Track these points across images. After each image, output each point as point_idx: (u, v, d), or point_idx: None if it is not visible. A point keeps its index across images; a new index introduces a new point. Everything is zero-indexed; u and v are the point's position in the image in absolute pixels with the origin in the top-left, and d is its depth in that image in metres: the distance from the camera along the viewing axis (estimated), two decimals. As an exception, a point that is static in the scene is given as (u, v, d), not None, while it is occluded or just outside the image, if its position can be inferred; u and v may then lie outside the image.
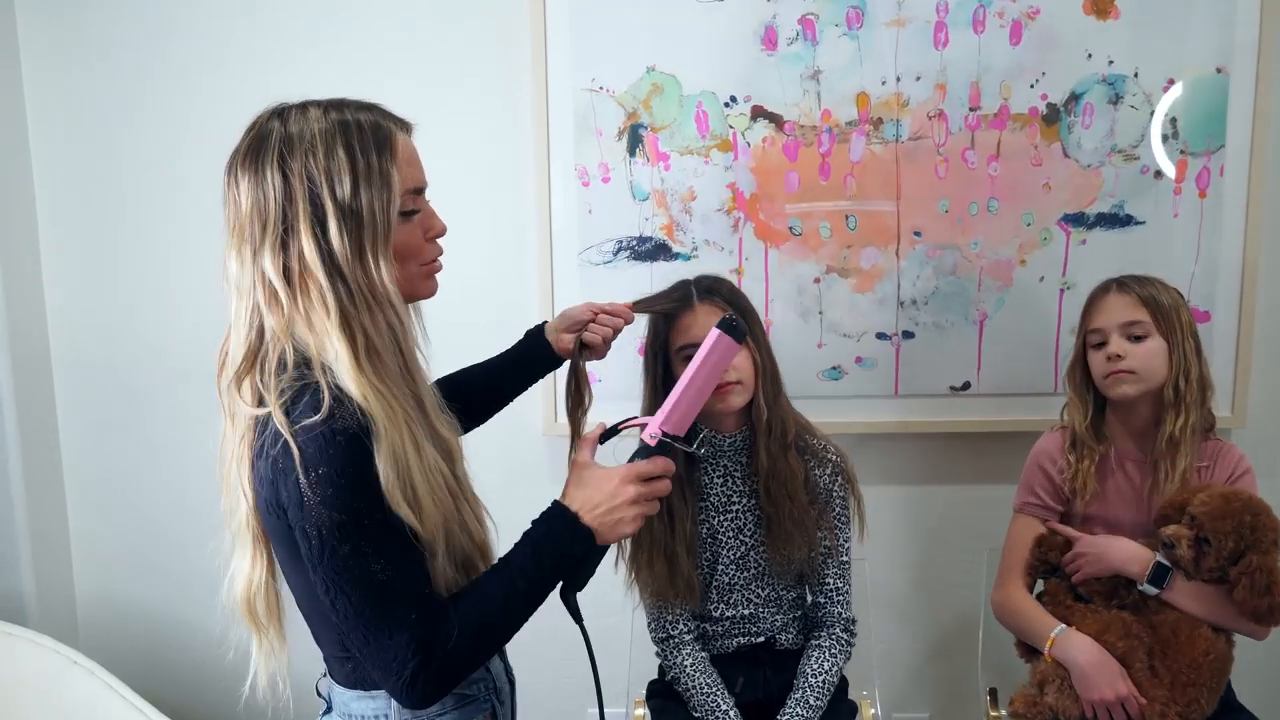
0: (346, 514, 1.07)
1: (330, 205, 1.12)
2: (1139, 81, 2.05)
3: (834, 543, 1.77)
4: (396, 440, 1.10)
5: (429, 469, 1.14)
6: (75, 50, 2.21)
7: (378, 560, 1.09)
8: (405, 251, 1.19)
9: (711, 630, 1.81)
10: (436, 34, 2.14)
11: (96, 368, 2.32)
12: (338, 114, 1.17)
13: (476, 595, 1.16)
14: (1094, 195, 2.09)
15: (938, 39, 2.06)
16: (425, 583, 1.14)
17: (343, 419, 1.08)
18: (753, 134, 2.10)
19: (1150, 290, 1.75)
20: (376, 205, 1.13)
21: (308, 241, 1.12)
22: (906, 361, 2.17)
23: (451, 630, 1.12)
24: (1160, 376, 1.73)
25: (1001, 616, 1.83)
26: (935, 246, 2.12)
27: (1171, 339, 1.73)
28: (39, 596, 2.28)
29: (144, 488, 2.36)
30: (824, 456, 1.78)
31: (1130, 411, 1.79)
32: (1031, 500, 1.85)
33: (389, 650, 1.11)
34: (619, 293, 2.09)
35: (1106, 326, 1.74)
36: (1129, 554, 1.69)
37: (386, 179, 1.14)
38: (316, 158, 1.13)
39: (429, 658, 1.11)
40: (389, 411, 1.10)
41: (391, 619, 1.10)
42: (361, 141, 1.15)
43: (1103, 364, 1.75)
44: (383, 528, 1.09)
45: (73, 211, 2.28)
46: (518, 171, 2.15)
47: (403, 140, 1.19)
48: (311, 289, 1.12)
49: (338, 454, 1.07)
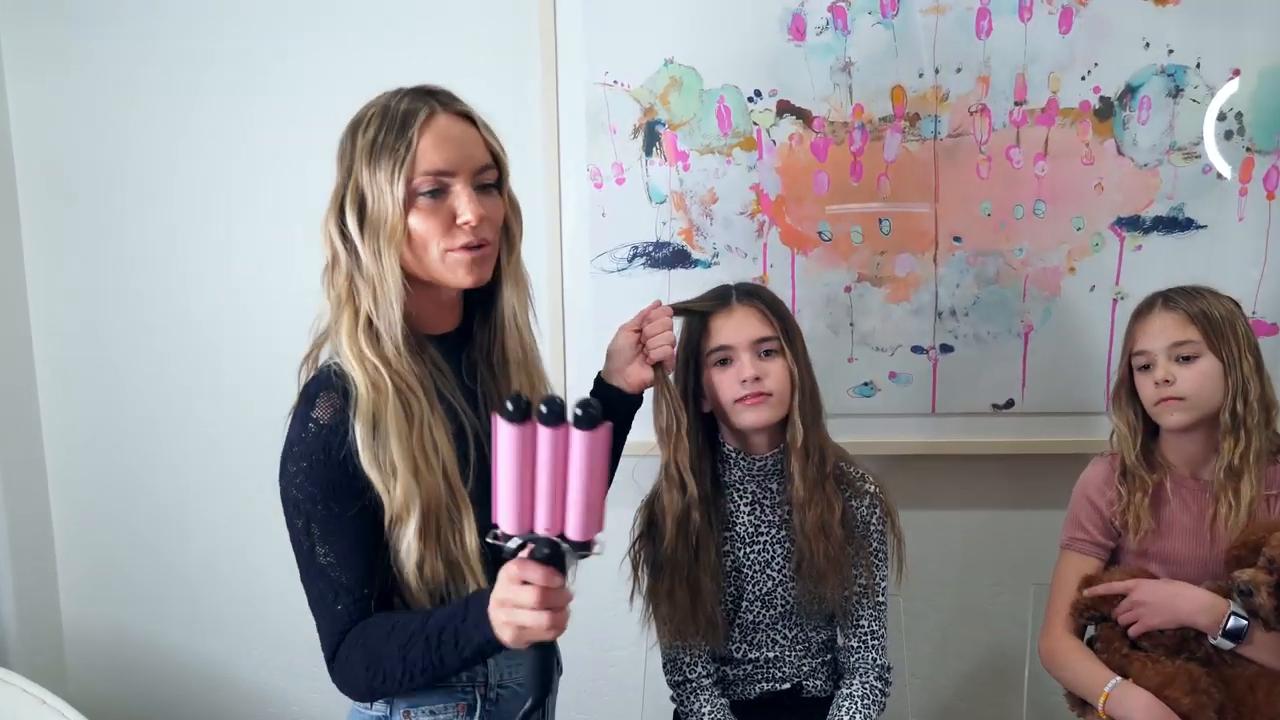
0: (302, 494, 1.18)
1: (352, 185, 1.19)
2: (1201, 73, 1.88)
3: (870, 582, 1.61)
4: (380, 406, 1.17)
5: (419, 444, 1.18)
6: (57, 56, 2.09)
7: (323, 545, 1.19)
8: (422, 234, 1.20)
9: (733, 674, 1.66)
10: (439, 24, 2.00)
11: (83, 382, 2.21)
12: (389, 98, 1.22)
13: (390, 624, 1.18)
14: (1151, 197, 1.92)
15: (980, 27, 1.90)
16: (366, 583, 1.20)
17: (327, 408, 1.18)
18: (779, 131, 1.94)
19: (1200, 304, 1.58)
20: (382, 185, 1.17)
21: (336, 220, 1.21)
22: (944, 377, 2.01)
23: (356, 640, 1.19)
24: (1216, 400, 1.57)
25: (1050, 666, 1.67)
26: (976, 253, 1.96)
27: (1227, 358, 1.56)
28: (20, 623, 2.16)
29: (135, 507, 2.24)
30: (861, 488, 1.62)
31: (1185, 438, 1.62)
32: (1079, 536, 1.68)
33: (319, 629, 1.22)
34: (634, 302, 1.94)
35: (1152, 349, 1.59)
36: (1198, 604, 1.52)
37: (398, 158, 1.17)
38: (355, 140, 1.20)
39: (337, 652, 1.20)
40: (378, 380, 1.17)
41: (323, 602, 1.20)
42: (389, 121, 1.19)
43: (1151, 389, 1.59)
44: (336, 518, 1.18)
45: (58, 219, 2.16)
46: (526, 172, 1.95)
47: (438, 121, 1.20)
48: (340, 263, 1.21)
49: (309, 439, 1.18)
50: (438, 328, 1.31)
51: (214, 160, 2.08)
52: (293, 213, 1.26)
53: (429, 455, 1.19)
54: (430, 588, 1.21)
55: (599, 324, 1.99)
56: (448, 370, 1.28)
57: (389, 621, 1.19)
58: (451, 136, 1.21)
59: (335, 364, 1.22)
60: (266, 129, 2.06)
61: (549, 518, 1.02)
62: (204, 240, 2.12)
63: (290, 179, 1.99)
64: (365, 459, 1.16)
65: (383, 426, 1.17)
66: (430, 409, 1.21)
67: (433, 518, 1.19)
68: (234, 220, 2.10)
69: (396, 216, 1.18)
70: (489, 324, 1.33)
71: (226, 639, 2.23)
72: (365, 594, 1.20)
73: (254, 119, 2.06)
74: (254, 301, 2.11)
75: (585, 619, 1.23)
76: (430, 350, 1.27)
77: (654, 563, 1.61)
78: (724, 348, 1.56)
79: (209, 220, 2.11)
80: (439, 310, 1.30)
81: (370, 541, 1.20)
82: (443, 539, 1.20)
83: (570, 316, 2.03)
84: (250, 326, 2.11)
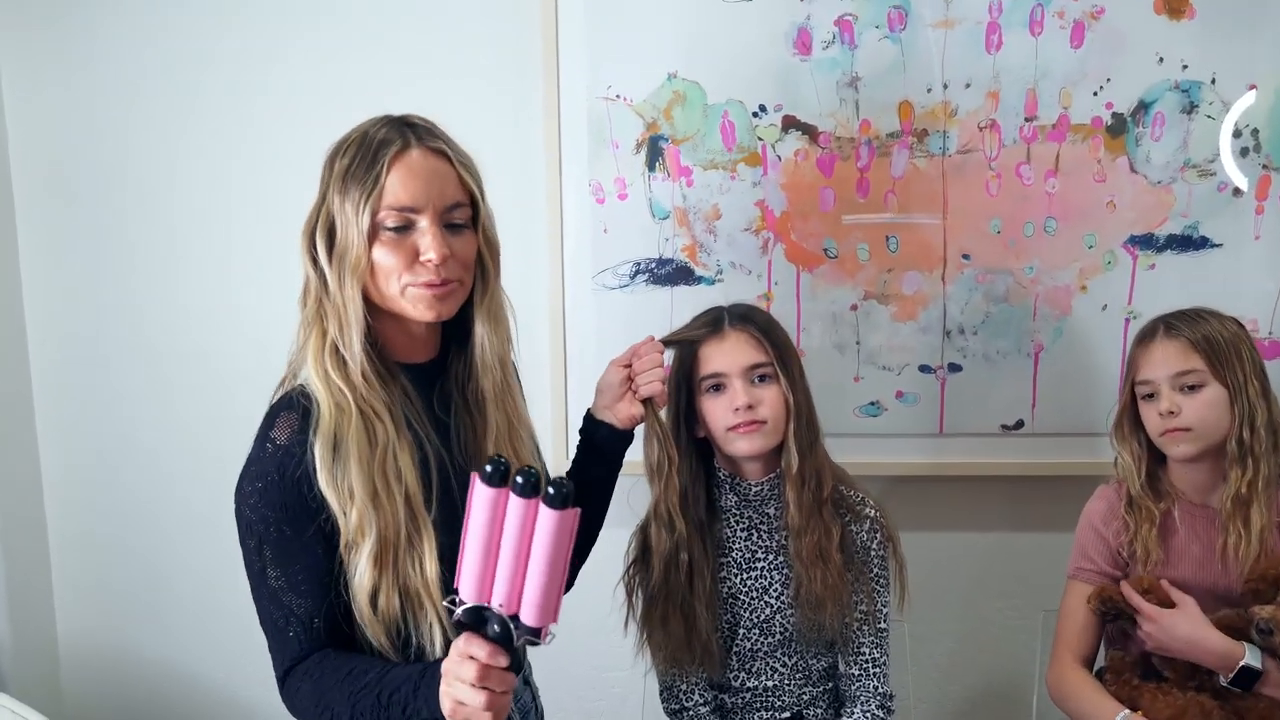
0: (256, 515, 1.18)
1: (324, 210, 1.20)
2: (1216, 88, 1.84)
3: (871, 608, 1.57)
4: (342, 427, 1.16)
5: (379, 468, 1.17)
6: (55, 56, 2.07)
7: (275, 567, 1.19)
8: (385, 268, 1.20)
9: (731, 702, 1.62)
10: (438, 37, 1.97)
11: (81, 396, 2.18)
12: (370, 126, 1.21)
13: (347, 668, 1.17)
14: (1164, 215, 1.88)
15: (990, 41, 1.86)
16: (317, 613, 1.19)
17: (285, 428, 1.18)
18: (784, 147, 1.91)
19: (1203, 330, 1.54)
20: (349, 215, 1.17)
21: (308, 242, 1.21)
22: (952, 397, 1.97)
23: (309, 672, 1.18)
24: (1222, 429, 1.52)
25: (1057, 698, 1.63)
26: (986, 271, 1.92)
27: (1232, 384, 1.51)
28: (14, 643, 2.13)
29: (132, 525, 2.21)
30: (861, 511, 1.59)
31: (1193, 466, 1.58)
32: (1086, 566, 1.64)
33: (271, 647, 1.22)
34: (636, 320, 1.94)
35: (1156, 378, 1.55)
36: (1214, 653, 1.47)
37: (365, 190, 1.16)
38: (333, 165, 1.20)
39: (288, 679, 1.20)
40: (342, 402, 1.17)
41: (274, 626, 1.21)
42: (363, 151, 1.18)
43: (1156, 420, 1.55)
44: (289, 541, 1.18)
45: (55, 221, 2.14)
46: (526, 187, 1.97)
47: (409, 156, 1.18)
48: (311, 285, 1.21)
49: (265, 459, 1.18)
50: (412, 357, 1.29)
51: (214, 161, 2.05)
52: (293, 214, 1.23)
53: (390, 481, 1.18)
54: (385, 620, 1.19)
55: (600, 341, 1.97)
56: (418, 399, 1.26)
57: (346, 665, 1.18)
58: (421, 172, 1.19)
59: (303, 385, 1.22)
60: (267, 130, 2.03)
61: (506, 593, 1.00)
62: (205, 247, 2.09)
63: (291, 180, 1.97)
64: (322, 479, 1.16)
65: (343, 449, 1.16)
66: (396, 434, 1.20)
67: (390, 546, 1.18)
68: (234, 223, 2.07)
69: (360, 247, 1.17)
70: (464, 359, 1.31)
71: (223, 657, 2.21)
72: (316, 625, 1.19)
73: (254, 120, 2.03)
74: (254, 316, 2.07)
75: (584, 638, 1.22)
76: (401, 379, 1.25)
77: (648, 588, 1.58)
78: (716, 375, 1.53)
79: (209, 224, 2.08)
80: (410, 340, 1.28)
81: (323, 568, 1.19)
82: (400, 567, 1.18)
83: (572, 334, 2.00)
84: (251, 342, 2.08)
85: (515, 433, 1.32)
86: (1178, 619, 1.50)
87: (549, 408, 2.01)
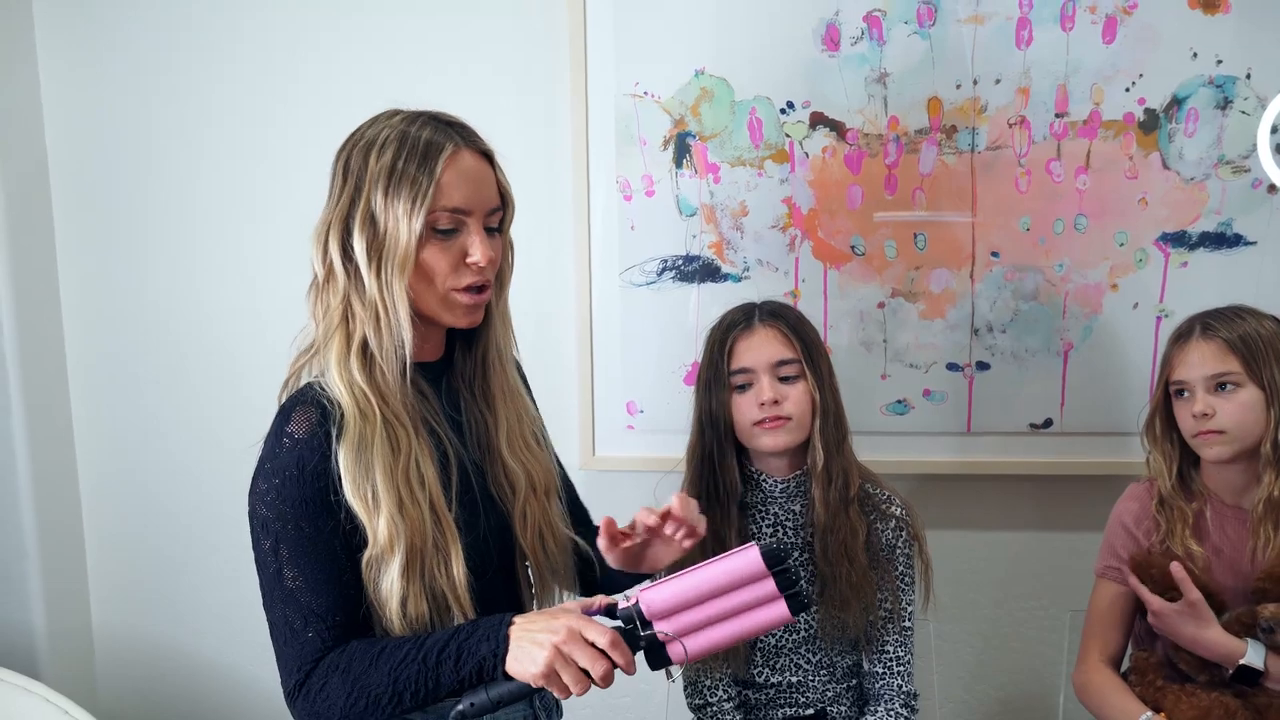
0: (273, 512, 1.15)
1: (362, 209, 1.17)
2: (1251, 84, 1.82)
3: (896, 606, 1.57)
4: (367, 434, 1.14)
5: (404, 476, 1.16)
6: (91, 41, 2.09)
7: (291, 567, 1.15)
8: (428, 270, 1.19)
9: (755, 699, 1.62)
10: (466, 35, 1.98)
11: (115, 388, 2.21)
12: (407, 124, 1.19)
13: (377, 648, 1.14)
14: (1197, 212, 1.86)
15: (1020, 37, 1.85)
16: (338, 609, 1.16)
17: (303, 423, 1.15)
18: (811, 143, 1.91)
19: (1240, 330, 1.51)
20: (400, 215, 1.15)
21: (338, 239, 1.18)
22: (980, 395, 1.96)
23: (335, 665, 1.14)
24: (1258, 432, 1.50)
25: (1084, 699, 1.62)
26: (1015, 268, 1.91)
27: (1269, 387, 1.49)
28: (50, 635, 2.17)
29: (169, 517, 2.24)
30: (887, 510, 1.59)
31: (1227, 467, 1.56)
32: (1115, 565, 1.63)
33: (282, 658, 1.17)
34: (663, 316, 1.95)
35: (1190, 379, 1.53)
36: (1210, 645, 1.47)
37: (418, 190, 1.15)
38: (368, 161, 1.17)
39: (307, 681, 1.15)
40: (366, 408, 1.15)
41: (288, 629, 1.16)
42: (410, 152, 1.16)
43: (1190, 421, 1.53)
44: (307, 540, 1.15)
45: (91, 225, 2.17)
46: (554, 184, 1.98)
47: (462, 158, 1.18)
48: (335, 283, 1.19)
49: (283, 454, 1.15)
50: (421, 356, 1.28)
51: (240, 157, 2.08)
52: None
53: (414, 488, 1.17)
54: (414, 625, 1.17)
55: (626, 337, 1.98)
56: (431, 396, 1.26)
57: (374, 645, 1.15)
58: (473, 175, 1.19)
59: (318, 383, 1.19)
60: (291, 128, 2.05)
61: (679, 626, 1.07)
62: (233, 247, 2.11)
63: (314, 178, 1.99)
64: (350, 491, 1.14)
65: (367, 456, 1.14)
66: (417, 439, 1.19)
67: (418, 553, 1.16)
68: (261, 223, 2.09)
69: (411, 248, 1.15)
70: (473, 357, 1.31)
71: (252, 651, 2.23)
72: (337, 621, 1.16)
73: (277, 119, 2.05)
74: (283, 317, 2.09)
75: None
76: (418, 379, 1.24)
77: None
78: (744, 370, 1.53)
79: (236, 223, 2.10)
80: (425, 340, 1.27)
81: (342, 565, 1.16)
82: (427, 572, 1.17)
83: (599, 329, 2.00)
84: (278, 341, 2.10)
85: (524, 427, 1.33)
86: (1184, 616, 1.48)
87: (575, 403, 2.02)
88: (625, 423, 2.02)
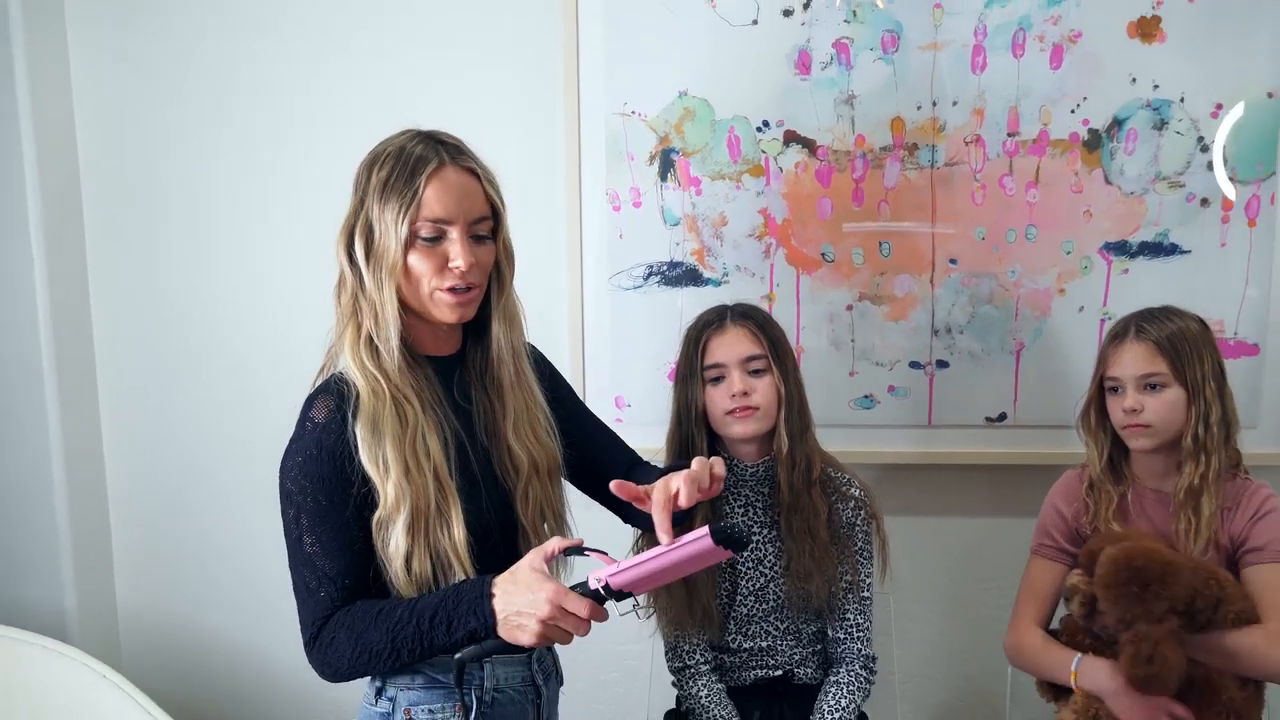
0: (295, 486, 1.30)
1: (363, 217, 1.33)
2: (1185, 106, 1.99)
3: (855, 578, 1.75)
4: (379, 410, 1.30)
5: (410, 446, 1.31)
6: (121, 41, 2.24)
7: (310, 535, 1.30)
8: (418, 272, 1.34)
9: (729, 662, 1.80)
10: (468, 58, 2.15)
11: (141, 375, 2.36)
12: (406, 141, 1.34)
13: (376, 609, 1.29)
14: (1137, 223, 2.03)
15: (975, 63, 2.02)
16: (348, 573, 1.31)
17: (323, 410, 1.32)
18: (785, 159, 2.08)
19: (1169, 331, 1.67)
20: (388, 223, 1.31)
21: (345, 244, 1.35)
22: (941, 391, 2.13)
23: (341, 622, 1.29)
24: (1179, 425, 1.67)
25: (1016, 659, 1.79)
26: (971, 274, 2.08)
27: (1191, 386, 1.66)
28: (80, 610, 2.33)
29: (188, 500, 2.39)
30: (847, 492, 1.76)
31: (1150, 456, 1.73)
32: (1046, 543, 1.80)
33: (301, 612, 1.33)
34: (649, 317, 2.11)
35: (1123, 377, 1.69)
36: None
37: (405, 202, 1.30)
38: (370, 174, 1.33)
39: (318, 636, 1.31)
40: (376, 388, 1.31)
41: (306, 589, 1.31)
42: (401, 165, 1.31)
43: (1121, 414, 1.70)
44: (324, 511, 1.30)
45: (120, 228, 2.32)
46: (550, 195, 2.15)
47: (445, 173, 1.32)
48: (346, 282, 1.36)
49: (305, 436, 1.32)
50: (437, 350, 1.43)
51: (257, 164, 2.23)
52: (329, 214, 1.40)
53: (420, 457, 1.32)
54: (418, 582, 1.32)
55: (615, 337, 2.15)
56: (439, 387, 1.40)
57: (374, 606, 1.30)
58: (454, 189, 1.32)
59: (339, 373, 1.36)
60: (302, 143, 2.20)
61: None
62: (271, 242, 2.25)
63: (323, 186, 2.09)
64: (365, 457, 1.29)
65: (379, 429, 1.30)
66: (424, 415, 1.34)
67: (422, 515, 1.31)
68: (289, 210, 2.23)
69: (397, 253, 1.31)
70: (481, 352, 1.45)
71: (271, 623, 2.37)
72: (346, 584, 1.31)
73: (290, 137, 2.21)
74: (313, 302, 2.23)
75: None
76: (426, 368, 1.39)
77: None
78: (716, 365, 1.70)
79: (259, 209, 2.24)
80: (435, 336, 1.42)
81: (354, 535, 1.31)
82: (431, 533, 1.32)
83: (589, 329, 2.17)
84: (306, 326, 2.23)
85: (533, 415, 1.47)
86: None
87: (568, 398, 2.18)
88: (614, 415, 2.17)
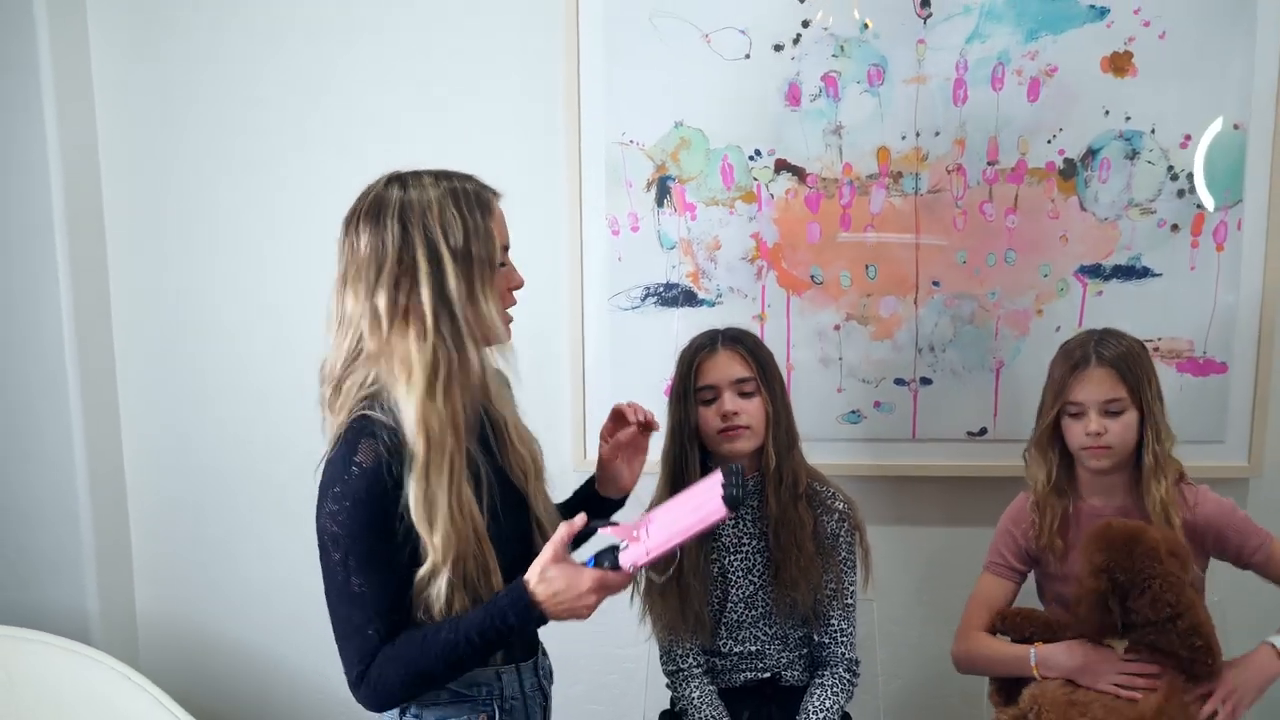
0: (343, 530, 1.31)
1: (446, 253, 1.34)
2: (1155, 137, 2.09)
3: (839, 586, 1.85)
4: (435, 465, 1.31)
5: (456, 499, 1.33)
6: (142, 42, 2.32)
7: (358, 575, 1.32)
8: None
9: (720, 665, 1.90)
10: (479, 91, 2.25)
11: (161, 389, 2.44)
12: (448, 182, 1.39)
13: (424, 636, 1.34)
14: (1111, 248, 2.13)
15: (957, 95, 2.12)
16: (396, 608, 1.35)
17: (370, 454, 1.31)
18: (776, 186, 2.18)
19: (1122, 353, 1.76)
20: (485, 253, 1.36)
21: (425, 282, 1.33)
22: (924, 407, 2.23)
23: (389, 655, 1.33)
24: (1131, 446, 1.77)
25: (968, 664, 1.88)
26: (953, 296, 2.18)
27: (1144, 407, 1.75)
28: (102, 613, 2.42)
29: (204, 509, 2.48)
30: (831, 505, 1.86)
31: (1104, 475, 1.81)
32: (997, 560, 1.90)
33: (346, 651, 1.35)
34: (646, 337, 2.21)
35: (1086, 401, 1.76)
36: None
37: (489, 233, 1.37)
38: (432, 214, 1.34)
39: (369, 669, 1.34)
40: (439, 440, 1.32)
41: (352, 625, 1.34)
42: (469, 203, 1.37)
43: (1080, 436, 1.77)
44: (373, 552, 1.32)
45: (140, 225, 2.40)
46: (552, 220, 2.25)
47: (497, 205, 1.42)
48: (414, 322, 1.34)
49: (351, 480, 1.31)
50: None
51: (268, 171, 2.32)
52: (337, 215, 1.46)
53: (462, 501, 1.34)
54: (457, 614, 1.36)
55: (615, 356, 2.26)
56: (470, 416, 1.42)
57: (417, 635, 1.34)
58: (502, 215, 1.43)
59: (373, 415, 1.34)
60: (317, 160, 2.29)
61: None
62: (292, 243, 2.33)
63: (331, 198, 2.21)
64: (416, 515, 1.31)
65: (432, 483, 1.32)
66: (464, 462, 1.36)
67: (461, 566, 1.34)
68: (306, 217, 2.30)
69: (496, 264, 1.39)
70: None
71: (288, 631, 2.47)
72: (394, 620, 1.34)
73: (304, 151, 2.30)
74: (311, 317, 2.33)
75: (599, 622, 1.42)
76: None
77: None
78: (709, 386, 1.80)
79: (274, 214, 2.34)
80: None
81: (401, 573, 1.34)
82: (469, 584, 1.36)
83: (589, 349, 2.27)
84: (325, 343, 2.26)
85: (516, 417, 1.54)
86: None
87: (569, 412, 2.29)
88: (613, 430, 2.28)
